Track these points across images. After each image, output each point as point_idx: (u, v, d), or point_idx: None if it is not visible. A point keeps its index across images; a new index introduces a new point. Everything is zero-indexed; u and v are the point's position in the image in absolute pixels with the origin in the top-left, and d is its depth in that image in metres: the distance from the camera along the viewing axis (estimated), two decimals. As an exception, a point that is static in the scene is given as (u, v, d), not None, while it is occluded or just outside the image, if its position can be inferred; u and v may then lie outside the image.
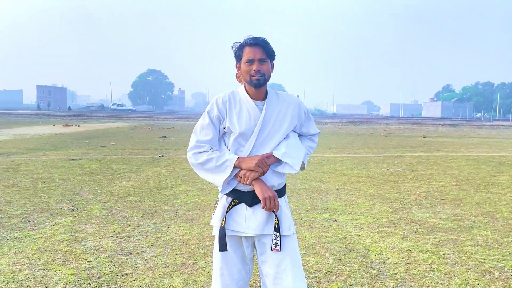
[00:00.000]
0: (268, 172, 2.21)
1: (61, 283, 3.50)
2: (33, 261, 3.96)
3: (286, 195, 2.35)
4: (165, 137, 20.27)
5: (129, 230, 5.00)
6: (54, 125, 28.36)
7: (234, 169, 2.18)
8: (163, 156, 12.38)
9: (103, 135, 20.93)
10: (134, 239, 4.66)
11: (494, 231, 5.19)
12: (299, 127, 2.39)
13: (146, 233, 4.90)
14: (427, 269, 3.94)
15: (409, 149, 16.10)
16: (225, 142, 2.30)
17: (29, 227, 5.00)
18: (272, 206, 2.16)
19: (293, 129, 2.36)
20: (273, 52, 2.27)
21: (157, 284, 3.53)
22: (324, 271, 3.85)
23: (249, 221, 2.22)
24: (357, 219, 5.67)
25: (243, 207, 2.24)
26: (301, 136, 2.44)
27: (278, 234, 2.19)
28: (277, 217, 2.21)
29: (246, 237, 2.26)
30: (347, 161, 11.98)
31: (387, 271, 3.89)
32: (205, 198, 6.76)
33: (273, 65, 2.31)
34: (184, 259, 4.09)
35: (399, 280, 3.70)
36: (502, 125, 50.63)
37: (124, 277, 3.65)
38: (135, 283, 3.54)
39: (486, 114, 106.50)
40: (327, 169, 10.20)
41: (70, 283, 3.50)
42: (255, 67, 2.20)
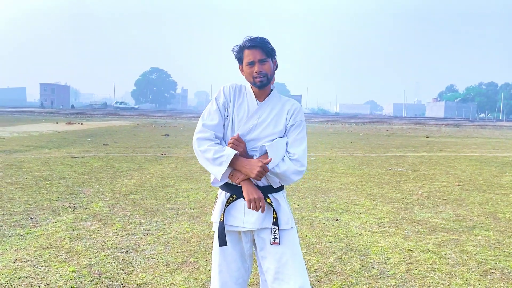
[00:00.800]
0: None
1: (63, 280, 3.51)
2: (35, 258, 3.97)
3: (284, 190, 2.34)
4: (168, 135, 20.30)
5: (131, 228, 5.01)
6: (57, 123, 28.43)
7: (230, 167, 2.18)
8: (165, 154, 12.39)
9: (106, 133, 20.98)
10: (135, 237, 4.67)
11: (496, 232, 5.18)
12: (287, 133, 2.29)
13: (147, 231, 4.91)
14: (428, 269, 3.94)
15: (411, 149, 16.07)
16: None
17: (31, 224, 5.01)
18: (257, 207, 2.17)
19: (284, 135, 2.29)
20: (273, 50, 2.27)
21: (158, 282, 3.54)
22: (325, 270, 3.85)
23: (247, 215, 2.23)
24: (359, 218, 5.67)
25: (241, 202, 2.24)
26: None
27: (276, 227, 2.20)
28: (275, 211, 2.21)
29: (245, 233, 2.27)
30: (349, 161, 11.97)
31: (388, 270, 3.89)
32: (207, 196, 6.77)
33: (275, 62, 2.30)
34: (185, 257, 4.10)
35: (400, 279, 3.70)
36: (505, 126, 50.47)
37: (125, 275, 3.66)
38: (136, 280, 3.55)
39: (489, 114, 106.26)
40: (329, 169, 10.20)
41: (71, 280, 3.52)
42: (256, 69, 2.21)
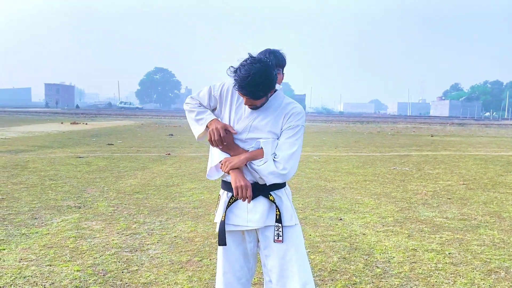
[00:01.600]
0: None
1: (67, 279, 3.53)
2: (40, 257, 4.00)
3: (287, 187, 2.33)
4: (172, 135, 20.34)
5: (135, 227, 5.03)
6: (62, 123, 28.55)
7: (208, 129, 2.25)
8: (169, 154, 12.42)
9: (110, 133, 21.05)
10: (139, 236, 4.68)
11: (500, 231, 5.16)
12: (280, 134, 2.23)
13: (151, 230, 4.93)
14: (432, 268, 3.93)
15: (416, 148, 16.02)
16: None
17: (37, 224, 5.05)
18: (244, 195, 2.15)
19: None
20: (264, 92, 2.09)
21: (162, 281, 3.56)
22: (328, 270, 3.85)
23: (250, 214, 2.23)
24: (363, 218, 5.66)
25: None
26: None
27: (280, 225, 2.20)
28: (278, 208, 2.22)
29: (248, 232, 2.27)
30: (354, 160, 11.95)
31: (392, 270, 3.89)
32: (211, 196, 6.79)
33: (282, 76, 2.29)
34: (189, 257, 4.11)
35: (404, 279, 3.69)
36: (510, 124, 50.18)
37: (129, 274, 3.68)
38: (140, 279, 3.57)
39: (494, 113, 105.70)
40: (333, 168, 10.18)
41: (76, 279, 3.54)
42: (245, 102, 2.16)
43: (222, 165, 2.21)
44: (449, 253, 4.34)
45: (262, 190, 2.21)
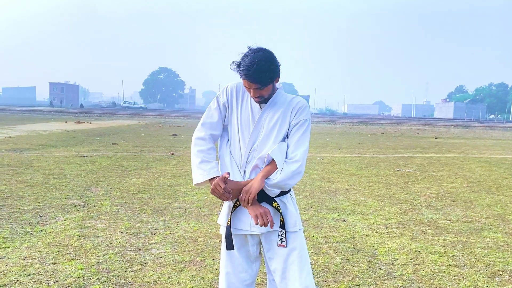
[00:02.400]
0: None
1: (71, 277, 3.55)
2: (44, 255, 4.01)
3: (292, 192, 2.34)
4: (176, 135, 20.38)
5: (139, 226, 5.04)
6: (66, 122, 28.66)
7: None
8: (173, 154, 12.45)
9: (114, 132, 21.11)
10: (143, 236, 4.70)
11: (504, 234, 5.14)
12: (289, 131, 2.25)
13: (155, 229, 4.94)
14: (436, 271, 3.92)
15: (420, 150, 15.98)
16: (226, 138, 2.32)
17: (41, 222, 5.07)
18: (265, 222, 2.15)
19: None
20: (270, 78, 2.12)
21: (165, 280, 3.57)
22: (331, 271, 3.85)
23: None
24: (366, 219, 5.66)
25: None
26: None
27: (283, 231, 2.20)
28: (282, 214, 2.22)
29: (252, 235, 2.28)
30: (357, 161, 11.94)
31: (395, 271, 3.88)
32: (214, 196, 6.78)
33: (277, 79, 2.21)
34: (192, 256, 4.12)
35: (407, 281, 3.69)
36: (515, 127, 49.92)
37: (133, 273, 3.69)
38: (143, 278, 3.58)
39: (499, 115, 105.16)
40: (337, 169, 10.17)
41: (80, 277, 3.55)
42: (252, 94, 2.17)
43: (242, 198, 2.18)
44: (453, 256, 4.32)
45: (266, 196, 2.20)
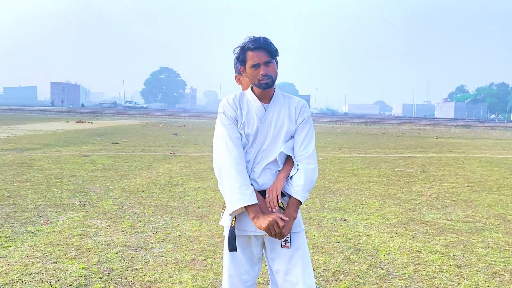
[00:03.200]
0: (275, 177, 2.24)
1: (73, 276, 3.56)
2: (46, 254, 4.03)
3: None
4: (177, 134, 20.39)
5: (140, 226, 5.05)
6: (67, 122, 28.69)
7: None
8: (174, 153, 12.46)
9: (115, 132, 21.13)
10: (144, 235, 4.71)
11: (505, 234, 5.15)
12: (295, 131, 2.29)
13: (156, 229, 4.95)
14: (436, 270, 3.93)
15: (421, 150, 15.97)
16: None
17: (42, 221, 5.08)
18: (278, 230, 2.08)
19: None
20: (276, 51, 2.22)
21: (166, 279, 3.57)
22: (332, 270, 3.86)
23: None
24: (367, 219, 5.66)
25: None
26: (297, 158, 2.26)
27: None
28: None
29: (256, 236, 2.28)
30: (358, 161, 11.94)
31: (395, 271, 3.89)
32: (215, 195, 6.80)
33: (277, 62, 2.26)
34: (193, 255, 4.13)
35: (408, 280, 3.69)
36: (516, 127, 49.89)
37: (134, 272, 3.70)
38: (144, 278, 3.59)
39: (500, 115, 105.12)
40: (338, 169, 10.18)
41: (81, 276, 3.56)
42: (262, 71, 2.17)
43: (270, 199, 2.15)
44: (454, 255, 4.33)
45: None
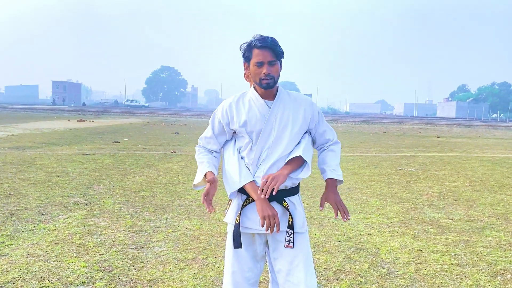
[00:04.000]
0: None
1: (74, 274, 3.56)
2: (47, 253, 4.03)
3: (299, 193, 2.35)
4: (178, 133, 20.39)
5: (141, 224, 5.06)
6: (68, 120, 28.71)
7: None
8: (175, 152, 12.46)
9: (117, 130, 21.14)
10: (145, 234, 4.71)
11: (507, 233, 5.14)
12: (314, 128, 2.36)
13: (157, 227, 4.95)
14: (438, 270, 3.92)
15: (422, 149, 15.95)
16: (240, 148, 2.31)
17: (44, 220, 5.09)
18: (272, 224, 2.16)
19: (308, 130, 2.35)
20: (282, 52, 2.24)
21: (167, 278, 3.58)
22: (333, 269, 3.86)
23: None
24: (368, 218, 5.66)
25: None
26: (321, 148, 2.43)
27: (291, 231, 2.20)
28: (291, 214, 2.22)
29: (259, 234, 2.28)
30: (359, 160, 11.93)
31: (397, 270, 3.88)
32: (216, 194, 6.79)
33: (281, 63, 2.28)
34: (194, 254, 4.13)
35: (409, 279, 3.69)
36: (518, 126, 49.80)
37: (135, 271, 3.70)
38: (146, 276, 3.59)
39: (502, 115, 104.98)
40: (339, 168, 10.16)
41: (82, 275, 3.57)
42: (265, 70, 2.18)
43: (265, 184, 2.16)
44: (455, 255, 4.32)
45: (276, 196, 2.21)
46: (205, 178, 2.29)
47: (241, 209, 2.25)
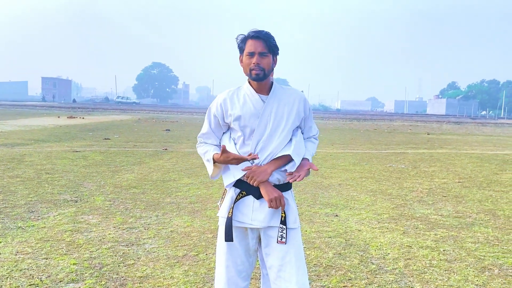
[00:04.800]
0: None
1: (64, 272, 3.54)
2: (36, 250, 4.00)
3: (292, 188, 2.37)
4: (169, 130, 20.32)
5: (132, 221, 5.04)
6: (58, 117, 28.46)
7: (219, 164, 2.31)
8: (166, 149, 12.42)
9: (107, 127, 21.00)
10: (136, 231, 4.70)
11: (495, 229, 5.20)
12: (303, 122, 2.40)
13: (148, 224, 4.94)
14: (427, 265, 3.96)
15: (412, 146, 16.07)
16: (234, 139, 2.33)
17: (33, 217, 5.05)
18: (278, 205, 2.20)
19: (299, 124, 2.37)
20: (276, 47, 2.25)
21: (158, 275, 3.57)
22: (324, 265, 3.88)
23: (256, 213, 2.24)
24: (358, 214, 5.69)
25: (250, 199, 2.26)
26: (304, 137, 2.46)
27: (284, 227, 2.22)
28: (283, 210, 2.23)
29: (252, 229, 2.29)
30: (350, 157, 11.99)
31: (386, 266, 3.92)
32: (208, 191, 6.80)
33: (275, 60, 2.29)
34: (185, 251, 4.13)
35: (399, 275, 3.72)
36: (507, 123, 50.35)
37: (125, 268, 3.69)
38: (136, 273, 3.58)
39: (491, 112, 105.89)
40: (330, 165, 10.21)
41: (72, 272, 3.55)
42: (254, 60, 2.19)
43: (248, 178, 2.23)
44: (444, 250, 4.37)
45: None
46: (215, 166, 2.30)
47: (234, 203, 2.26)
